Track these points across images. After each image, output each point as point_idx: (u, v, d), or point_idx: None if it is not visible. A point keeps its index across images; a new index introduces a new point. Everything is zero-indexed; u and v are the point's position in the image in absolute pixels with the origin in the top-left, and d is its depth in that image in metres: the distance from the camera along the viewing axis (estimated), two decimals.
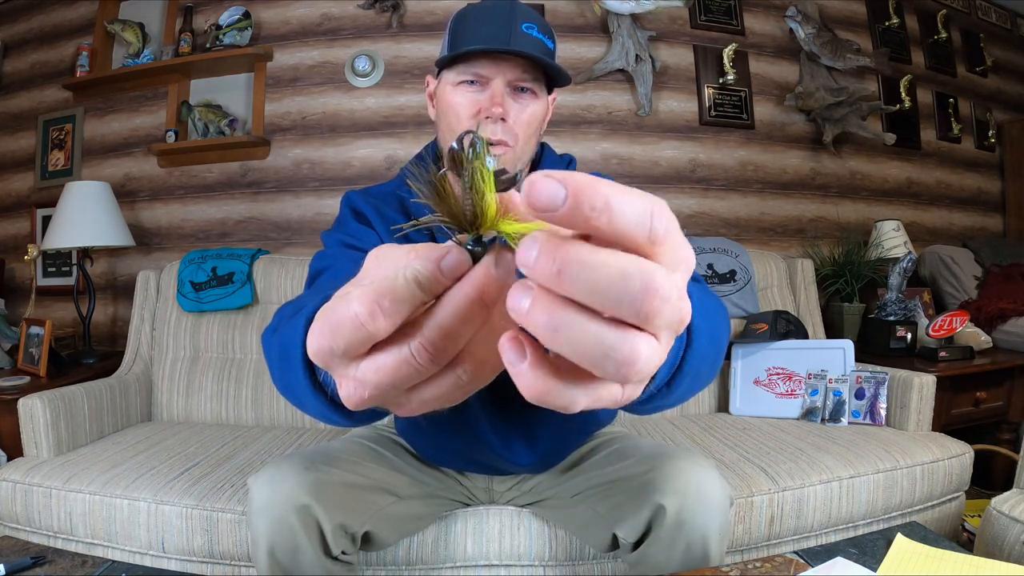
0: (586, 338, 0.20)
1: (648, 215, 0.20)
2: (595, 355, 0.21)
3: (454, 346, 0.23)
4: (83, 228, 1.92)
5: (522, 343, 0.22)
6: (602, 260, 0.20)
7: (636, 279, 0.20)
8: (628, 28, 2.27)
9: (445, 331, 0.23)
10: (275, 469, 0.85)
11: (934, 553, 0.71)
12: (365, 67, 2.27)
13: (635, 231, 0.20)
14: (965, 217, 2.83)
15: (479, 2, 0.86)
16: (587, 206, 0.19)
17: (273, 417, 1.81)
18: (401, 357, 0.23)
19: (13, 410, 1.46)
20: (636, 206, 0.20)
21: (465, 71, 0.84)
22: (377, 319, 0.22)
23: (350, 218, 0.89)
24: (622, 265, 0.20)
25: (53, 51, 2.42)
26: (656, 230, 0.20)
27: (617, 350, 0.20)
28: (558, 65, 0.83)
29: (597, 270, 0.19)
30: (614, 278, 0.19)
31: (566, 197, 0.19)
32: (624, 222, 0.20)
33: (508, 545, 1.15)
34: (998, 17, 3.09)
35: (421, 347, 0.23)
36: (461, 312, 0.22)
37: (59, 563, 0.74)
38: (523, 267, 0.20)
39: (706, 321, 0.49)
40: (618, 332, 0.21)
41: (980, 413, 1.92)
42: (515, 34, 0.81)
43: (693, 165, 2.40)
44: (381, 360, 0.23)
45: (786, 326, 1.85)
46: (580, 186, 0.19)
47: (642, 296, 0.20)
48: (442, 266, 0.22)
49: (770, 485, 1.28)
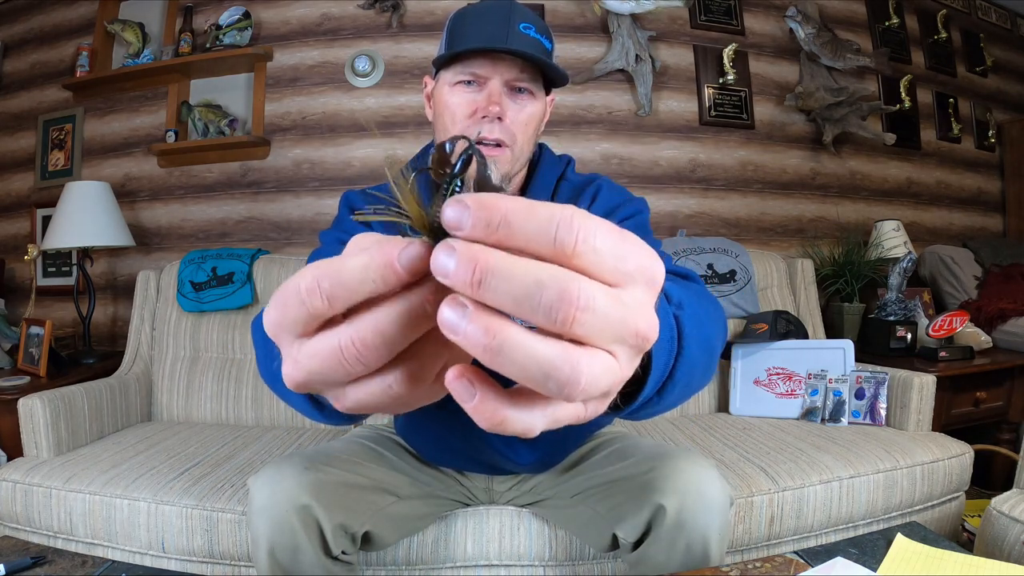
0: (525, 357, 0.20)
1: (552, 226, 0.20)
2: (535, 375, 0.20)
3: (385, 350, 0.22)
4: (83, 228, 1.92)
5: (469, 379, 0.21)
6: (519, 269, 0.19)
7: (551, 288, 0.19)
8: (628, 28, 2.27)
9: (377, 331, 0.21)
10: (275, 469, 0.85)
11: (934, 553, 0.71)
12: (365, 67, 2.27)
13: (537, 242, 0.20)
14: (965, 217, 2.83)
15: (477, 2, 0.86)
16: (485, 223, 0.20)
17: (273, 417, 1.81)
18: (331, 346, 0.22)
19: (13, 410, 1.46)
20: (539, 218, 0.20)
21: (462, 71, 0.83)
22: (314, 297, 0.21)
23: (348, 217, 0.89)
24: (536, 273, 0.19)
25: (53, 51, 2.42)
26: (562, 240, 0.20)
27: (558, 369, 0.20)
28: (555, 65, 0.83)
29: (513, 279, 0.19)
30: (530, 286, 0.19)
31: (470, 215, 0.20)
32: (523, 234, 0.20)
33: (508, 545, 1.15)
34: (998, 17, 3.09)
35: (350, 341, 0.21)
36: (400, 316, 0.21)
37: (59, 563, 0.74)
38: (440, 276, 0.20)
39: (697, 327, 0.49)
40: (558, 350, 0.20)
41: (980, 413, 1.92)
42: (512, 34, 0.80)
43: (693, 165, 2.40)
44: (317, 345, 0.22)
45: (786, 326, 1.85)
46: (482, 204, 0.20)
47: (558, 304, 0.19)
48: (399, 258, 0.21)
49: (770, 485, 1.28)
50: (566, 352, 0.20)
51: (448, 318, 0.20)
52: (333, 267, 0.21)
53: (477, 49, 0.81)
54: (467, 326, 0.20)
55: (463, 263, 0.19)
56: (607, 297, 0.20)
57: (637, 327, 0.21)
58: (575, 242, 0.20)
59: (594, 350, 0.21)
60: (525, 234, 0.20)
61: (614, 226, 0.21)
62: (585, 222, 0.20)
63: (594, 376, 0.20)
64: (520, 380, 0.20)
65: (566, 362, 0.20)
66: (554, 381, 0.20)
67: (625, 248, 0.21)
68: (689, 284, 0.61)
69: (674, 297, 0.50)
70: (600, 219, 0.21)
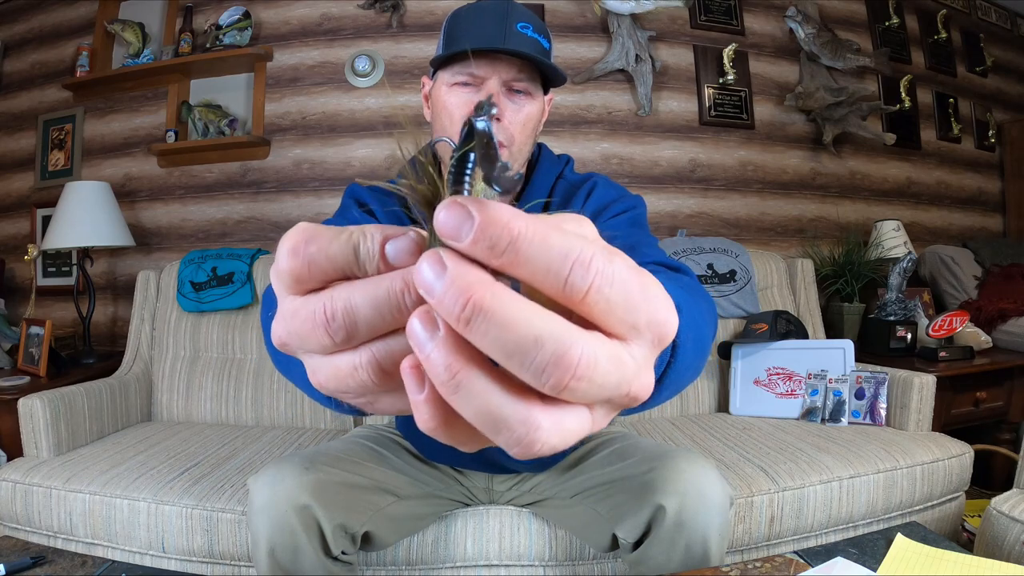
0: (480, 407, 0.18)
1: (566, 265, 0.17)
2: (487, 426, 0.18)
3: (355, 330, 0.20)
4: (83, 228, 1.92)
5: (423, 374, 0.19)
6: (518, 319, 0.17)
7: (548, 348, 0.17)
8: (628, 28, 2.27)
9: (349, 307, 0.20)
10: (275, 470, 0.85)
11: (934, 553, 0.71)
12: (365, 67, 2.27)
13: (545, 279, 0.18)
14: (965, 217, 2.83)
15: (474, 2, 0.86)
16: (489, 243, 0.17)
17: (273, 417, 1.81)
18: (308, 309, 0.20)
19: (13, 410, 1.46)
20: (553, 252, 0.17)
21: (460, 71, 0.83)
22: (294, 259, 0.20)
23: (353, 207, 0.89)
24: (535, 328, 0.17)
25: (53, 51, 2.42)
26: (574, 285, 0.18)
27: (512, 429, 0.18)
28: (553, 64, 0.83)
29: (508, 330, 0.17)
30: (525, 342, 0.17)
31: (472, 228, 0.17)
32: (530, 266, 0.17)
33: (508, 545, 1.15)
34: (998, 17, 3.09)
35: (322, 308, 0.20)
36: (374, 299, 0.19)
37: (59, 563, 0.74)
38: (423, 292, 0.18)
39: (693, 331, 0.48)
40: (521, 411, 0.18)
41: (980, 413, 1.92)
42: (510, 33, 0.80)
43: (693, 165, 2.40)
44: (296, 305, 0.21)
45: (786, 326, 1.85)
46: (490, 219, 0.17)
47: (552, 369, 0.17)
48: (388, 246, 0.20)
49: (770, 485, 1.28)
50: (529, 413, 0.18)
51: (416, 332, 0.18)
52: (321, 234, 0.20)
53: (475, 49, 0.80)
54: (431, 351, 0.18)
55: (452, 291, 0.17)
56: (608, 361, 0.18)
57: (629, 390, 0.19)
58: (587, 289, 0.18)
59: (568, 407, 0.19)
60: (532, 267, 0.18)
61: (636, 270, 0.19)
62: (604, 266, 0.18)
63: (558, 437, 0.18)
64: (471, 421, 0.19)
65: (523, 424, 0.18)
66: (504, 438, 0.18)
67: (640, 299, 0.19)
68: (681, 278, 0.60)
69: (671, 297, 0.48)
70: (622, 260, 0.19)
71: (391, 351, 0.20)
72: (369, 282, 0.20)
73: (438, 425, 0.20)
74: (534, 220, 0.18)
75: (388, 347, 0.21)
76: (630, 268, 0.19)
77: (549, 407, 0.18)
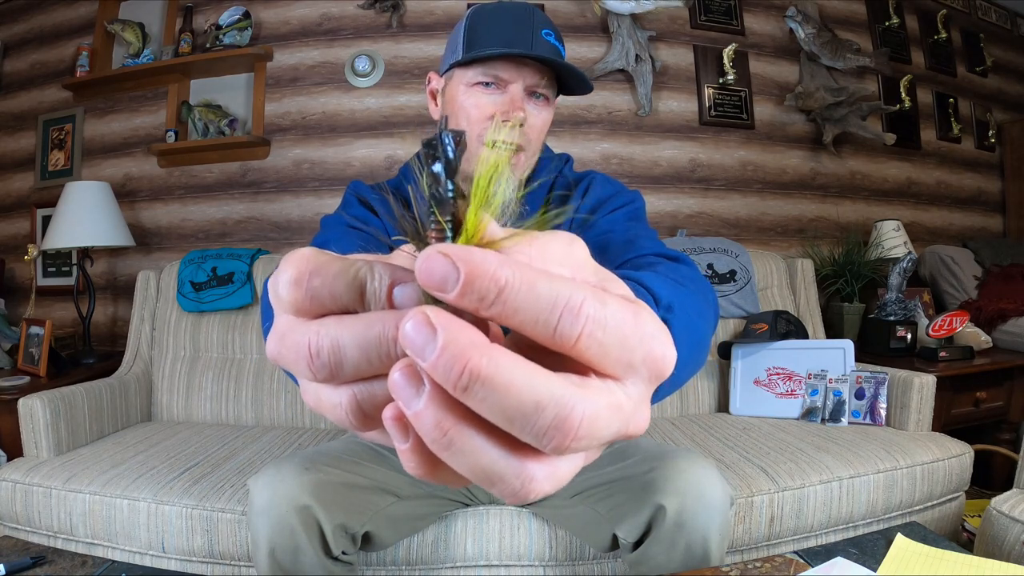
0: (475, 463, 0.18)
1: (554, 314, 0.17)
2: (481, 479, 0.18)
3: (339, 370, 0.19)
4: (83, 228, 1.92)
5: (407, 425, 0.18)
6: (518, 385, 0.16)
7: (549, 412, 0.17)
8: (628, 28, 2.27)
9: (335, 345, 0.19)
10: (275, 470, 0.85)
11: (934, 553, 0.71)
12: (365, 67, 2.27)
13: (534, 328, 0.17)
14: (965, 217, 2.83)
15: (496, 2, 0.86)
16: (477, 295, 0.17)
17: (273, 417, 1.81)
18: (295, 338, 0.20)
19: (13, 410, 1.46)
20: (541, 302, 0.17)
21: (484, 72, 0.83)
22: (296, 290, 0.19)
23: (355, 203, 0.89)
24: (536, 393, 0.16)
25: (53, 51, 2.42)
26: (563, 333, 0.17)
27: (507, 483, 0.18)
28: (583, 74, 0.83)
29: (509, 396, 0.16)
30: (526, 408, 0.16)
31: (457, 280, 0.17)
32: (520, 320, 0.17)
33: (508, 545, 1.15)
34: (998, 17, 3.09)
35: (307, 343, 0.19)
36: (361, 340, 0.19)
37: (59, 563, 0.74)
38: (413, 356, 0.17)
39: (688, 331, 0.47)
40: (515, 466, 0.18)
41: (980, 413, 1.92)
42: (537, 40, 0.80)
43: (693, 165, 2.40)
44: (287, 327, 0.20)
45: (786, 326, 1.85)
46: (475, 271, 0.17)
47: (552, 432, 0.17)
48: (396, 291, 0.19)
49: (770, 485, 1.28)
50: (523, 467, 0.18)
51: (400, 388, 0.17)
52: (328, 265, 0.20)
53: (506, 54, 0.80)
54: (419, 408, 0.17)
55: (446, 358, 0.16)
56: (608, 414, 0.18)
57: (627, 430, 0.19)
58: (578, 336, 0.17)
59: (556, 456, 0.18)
60: (521, 318, 0.17)
61: (630, 308, 0.19)
62: (596, 310, 0.17)
63: (551, 484, 0.19)
64: (465, 474, 0.18)
65: (518, 477, 0.18)
66: (499, 489, 0.18)
67: (636, 340, 0.19)
68: (680, 268, 0.60)
69: (664, 298, 0.47)
70: (616, 302, 0.18)
71: (374, 396, 0.20)
72: (360, 322, 0.19)
73: (425, 473, 0.19)
74: (521, 268, 0.17)
75: (371, 391, 0.20)
76: (624, 308, 0.19)
77: (544, 458, 0.18)
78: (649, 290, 0.46)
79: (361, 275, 0.19)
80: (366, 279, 0.19)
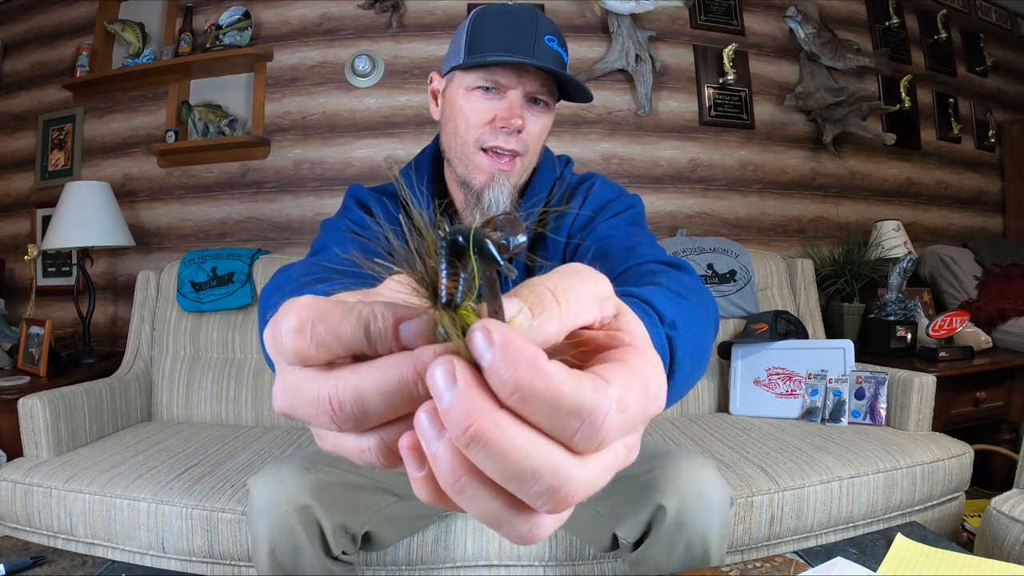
0: (484, 506, 0.19)
1: (575, 422, 0.18)
2: (490, 523, 0.19)
3: (365, 419, 0.20)
4: (83, 228, 1.92)
5: (422, 455, 0.19)
6: (517, 451, 0.17)
7: (545, 480, 0.18)
8: (628, 28, 2.27)
9: (358, 395, 0.19)
10: (275, 470, 0.85)
11: (934, 553, 0.71)
12: (365, 67, 2.27)
13: (551, 428, 0.18)
14: (965, 217, 2.83)
15: (499, 4, 0.85)
16: (499, 382, 0.18)
17: (273, 417, 1.81)
18: (311, 395, 0.20)
19: (13, 410, 1.46)
20: (564, 408, 0.18)
21: (484, 77, 0.82)
22: (301, 338, 0.20)
23: (354, 207, 0.89)
24: (533, 461, 0.18)
25: (53, 51, 2.42)
26: (580, 443, 0.18)
27: (515, 528, 0.19)
28: (584, 85, 0.83)
29: (508, 460, 0.17)
30: (523, 472, 0.18)
31: (491, 361, 0.18)
32: (537, 416, 0.18)
33: (508, 545, 1.15)
34: (998, 17, 3.09)
35: (328, 398, 0.19)
36: (386, 386, 0.19)
37: (59, 563, 0.74)
38: (435, 397, 0.18)
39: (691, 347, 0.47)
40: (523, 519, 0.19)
41: (980, 413, 1.92)
42: (539, 46, 0.80)
43: (693, 165, 2.40)
44: (298, 381, 0.20)
45: (786, 326, 1.85)
46: (509, 359, 0.17)
47: (547, 497, 0.18)
48: (402, 327, 0.19)
49: (770, 485, 1.28)
50: (530, 515, 0.19)
51: (424, 428, 0.19)
52: (332, 312, 0.20)
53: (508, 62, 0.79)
54: (437, 451, 0.18)
55: (457, 411, 0.17)
56: (604, 475, 0.19)
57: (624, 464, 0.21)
58: (594, 448, 0.18)
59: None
60: (538, 418, 0.18)
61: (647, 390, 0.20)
62: (616, 419, 0.18)
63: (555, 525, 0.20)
64: (473, 515, 0.20)
65: (525, 523, 0.19)
66: (506, 532, 0.20)
67: (647, 413, 0.20)
68: (681, 277, 0.60)
69: (668, 316, 0.47)
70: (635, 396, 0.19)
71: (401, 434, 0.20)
72: (378, 369, 0.19)
73: (436, 501, 0.20)
74: (554, 368, 0.18)
75: (399, 431, 0.20)
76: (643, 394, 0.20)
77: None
78: (653, 307, 0.46)
79: (364, 316, 0.20)
80: (369, 320, 0.20)
